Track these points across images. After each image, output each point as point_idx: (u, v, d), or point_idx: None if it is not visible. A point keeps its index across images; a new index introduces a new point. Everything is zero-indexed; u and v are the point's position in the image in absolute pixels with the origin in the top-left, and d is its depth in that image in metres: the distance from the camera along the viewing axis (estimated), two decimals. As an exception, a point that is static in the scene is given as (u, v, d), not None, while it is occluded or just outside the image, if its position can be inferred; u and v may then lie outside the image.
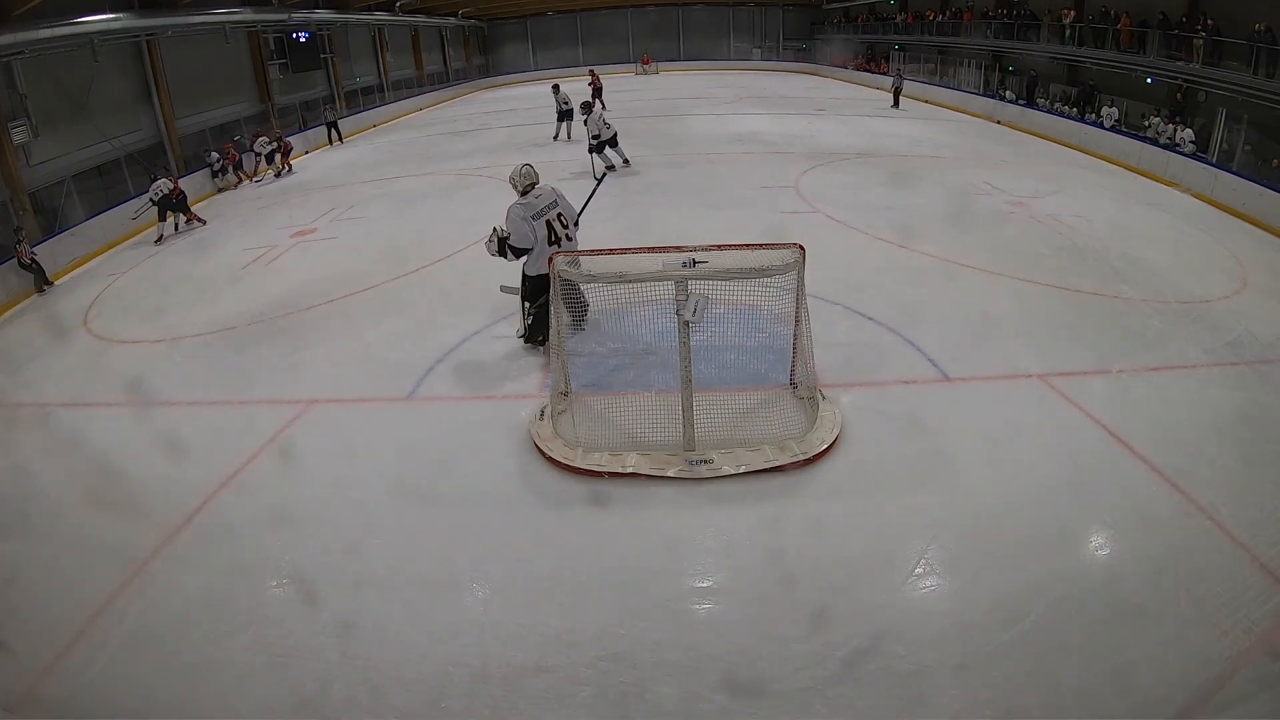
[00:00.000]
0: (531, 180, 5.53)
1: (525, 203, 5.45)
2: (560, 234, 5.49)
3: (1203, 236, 8.52)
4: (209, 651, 3.35)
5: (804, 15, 33.35)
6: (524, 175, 5.53)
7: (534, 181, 5.54)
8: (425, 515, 4.17)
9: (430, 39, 29.41)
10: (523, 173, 5.54)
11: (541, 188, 5.56)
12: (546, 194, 5.53)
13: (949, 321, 6.10)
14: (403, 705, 3.05)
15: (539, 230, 5.41)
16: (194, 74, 15.12)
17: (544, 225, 5.43)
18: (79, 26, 11.60)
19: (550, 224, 5.45)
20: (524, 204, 5.45)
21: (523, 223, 5.37)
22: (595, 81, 19.17)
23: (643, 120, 17.59)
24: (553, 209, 5.51)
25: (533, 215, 5.41)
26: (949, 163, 12.40)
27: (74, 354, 6.89)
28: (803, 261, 4.29)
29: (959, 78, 19.71)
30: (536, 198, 5.49)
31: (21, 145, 10.69)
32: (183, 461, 4.80)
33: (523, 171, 5.54)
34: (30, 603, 3.73)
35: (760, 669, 3.13)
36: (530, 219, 5.39)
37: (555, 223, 5.47)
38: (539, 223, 5.41)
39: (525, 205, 5.44)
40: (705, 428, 4.45)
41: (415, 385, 5.54)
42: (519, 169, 5.56)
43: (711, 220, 8.99)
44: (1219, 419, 4.71)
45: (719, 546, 3.87)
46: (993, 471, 4.28)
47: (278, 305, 7.34)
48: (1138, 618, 3.27)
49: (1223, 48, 12.02)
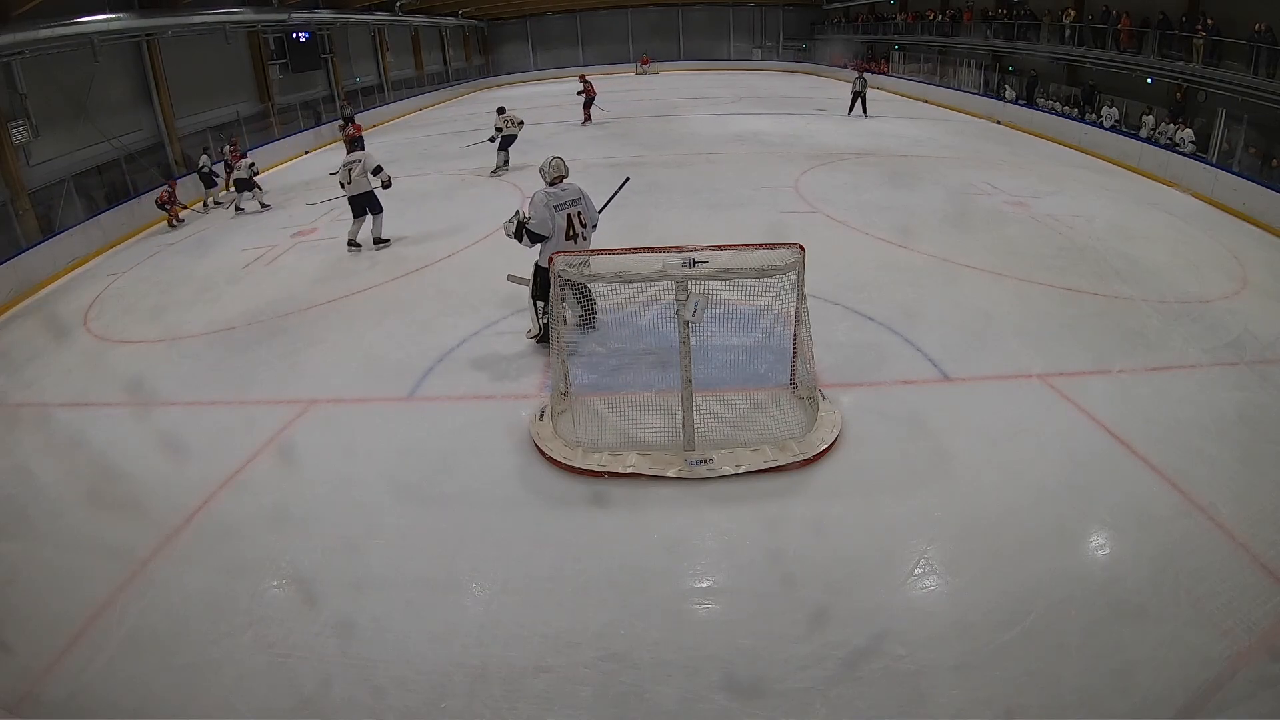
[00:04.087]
0: (560, 173, 5.58)
1: (551, 192, 5.50)
2: (578, 230, 5.53)
3: (1203, 236, 8.52)
4: (209, 651, 3.35)
5: (804, 15, 33.35)
6: (553, 167, 5.58)
7: (562, 174, 5.59)
8: (425, 515, 4.17)
9: (430, 39, 29.41)
10: (552, 164, 5.58)
11: (569, 183, 5.60)
12: (573, 190, 5.59)
13: (949, 321, 6.10)
14: (403, 705, 3.05)
15: (559, 221, 5.44)
16: (194, 74, 15.11)
17: (564, 218, 5.46)
18: (79, 26, 11.58)
19: (570, 218, 5.49)
20: (550, 193, 5.49)
21: (545, 209, 5.41)
22: (589, 90, 17.44)
23: (643, 120, 17.61)
24: (575, 205, 5.54)
25: (556, 206, 5.45)
26: (949, 163, 12.40)
27: (74, 354, 6.89)
28: (803, 261, 4.29)
29: (959, 78, 19.70)
30: (563, 190, 5.53)
31: (21, 145, 10.67)
32: (183, 461, 4.80)
33: (552, 164, 5.59)
34: (30, 603, 3.73)
35: (760, 669, 3.13)
36: (554, 208, 5.44)
37: (575, 219, 5.51)
38: (560, 214, 5.45)
39: (551, 194, 5.48)
40: (705, 428, 4.45)
41: (415, 385, 5.54)
42: (549, 160, 5.61)
43: (711, 220, 9.00)
44: (1219, 419, 4.71)
45: (719, 546, 3.87)
46: (993, 471, 4.28)
47: (278, 305, 7.34)
48: (1138, 618, 3.27)
49: (1222, 48, 12.01)
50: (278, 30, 18.09)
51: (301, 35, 18.99)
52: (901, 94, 21.77)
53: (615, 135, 15.79)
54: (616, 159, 13.01)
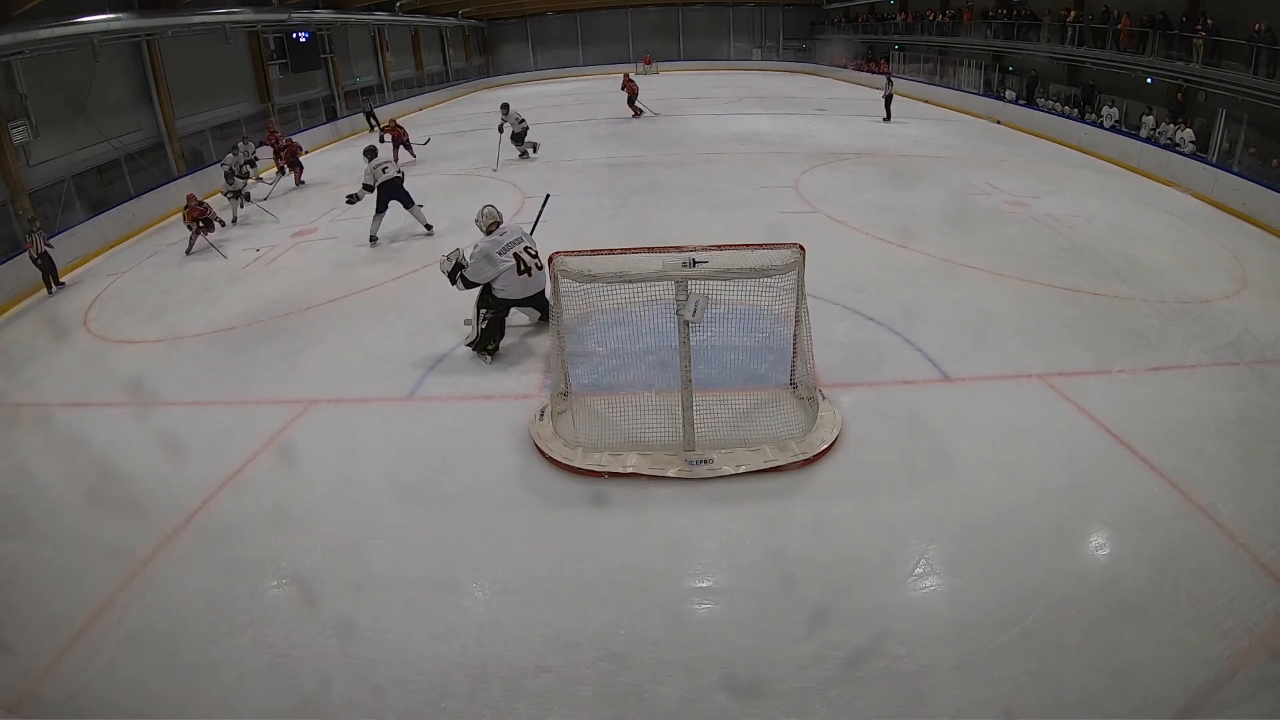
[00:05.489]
0: (494, 219, 5.97)
1: (492, 239, 5.78)
2: (530, 264, 5.76)
3: (1203, 236, 8.52)
4: (209, 651, 3.35)
5: (804, 15, 33.33)
6: (486, 215, 5.99)
7: (497, 220, 5.97)
8: (425, 515, 4.17)
9: (430, 39, 29.39)
10: (485, 213, 6.00)
11: (505, 225, 5.93)
12: (512, 229, 5.89)
13: (949, 321, 6.10)
14: (403, 705, 3.06)
15: (507, 262, 5.69)
16: (194, 74, 15.10)
17: (512, 256, 5.72)
18: (79, 26, 11.58)
19: (519, 255, 5.73)
20: (491, 240, 5.78)
21: (484, 260, 5.67)
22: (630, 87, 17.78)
23: (643, 120, 17.60)
24: (519, 243, 5.79)
25: (499, 250, 5.70)
26: (949, 163, 12.40)
27: (74, 354, 6.90)
28: (803, 261, 4.29)
29: (959, 78, 19.69)
30: (502, 234, 5.82)
31: (21, 145, 10.67)
32: (183, 461, 4.80)
33: (485, 212, 6.01)
34: (30, 603, 3.74)
35: (760, 669, 3.13)
36: (497, 254, 5.69)
37: (524, 254, 5.75)
38: (506, 255, 5.71)
39: (492, 241, 5.76)
40: (705, 428, 4.45)
41: (415, 385, 5.54)
42: (480, 210, 6.03)
43: (711, 220, 8.99)
44: (1219, 419, 4.71)
45: (719, 546, 3.87)
46: (993, 472, 4.28)
47: (278, 305, 7.34)
48: (1138, 618, 3.27)
49: (1223, 48, 12.01)
50: (278, 30, 18.09)
51: (301, 35, 18.98)
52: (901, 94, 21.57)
53: (615, 135, 15.79)
54: (616, 159, 13.02)
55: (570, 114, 18.36)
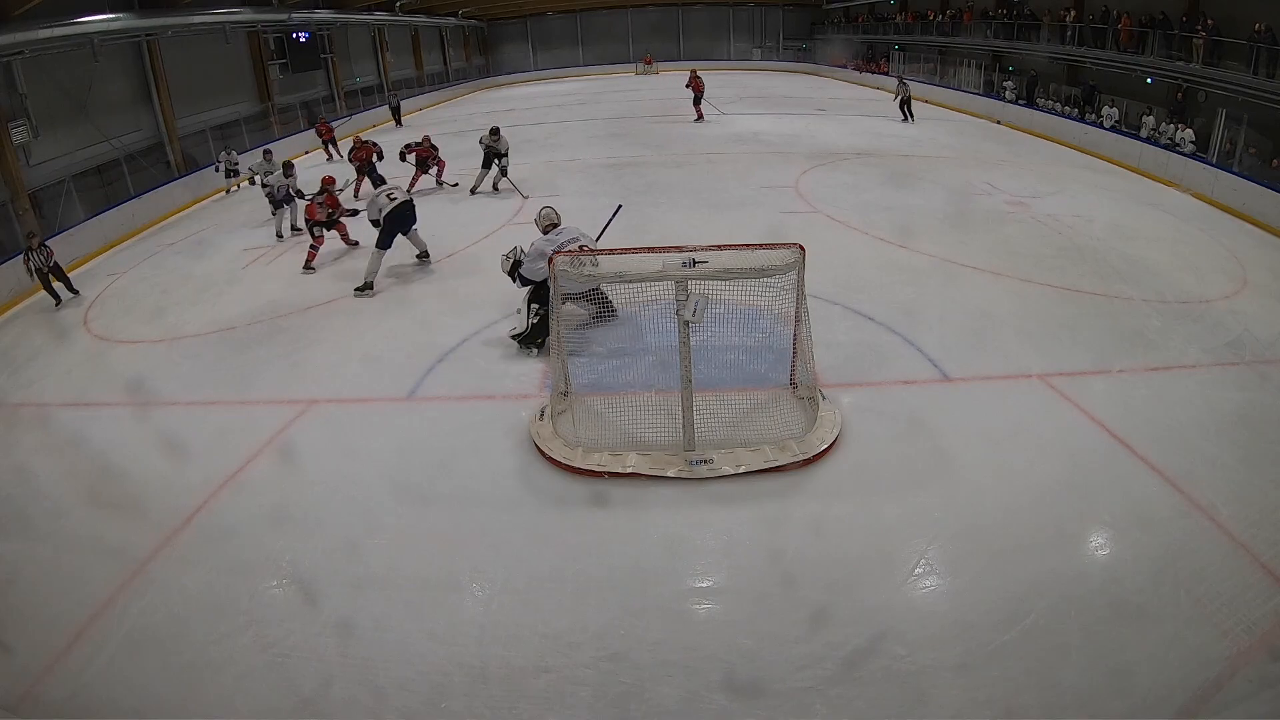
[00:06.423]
0: (551, 220, 6.08)
1: (548, 238, 5.88)
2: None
3: (1203, 236, 8.52)
4: (209, 651, 3.35)
5: (804, 15, 33.33)
6: (544, 217, 6.12)
7: (554, 222, 6.08)
8: (425, 515, 4.17)
9: (430, 39, 29.39)
10: (543, 214, 6.14)
11: (563, 227, 6.05)
12: (569, 230, 6.02)
13: (949, 321, 6.10)
14: (403, 705, 3.06)
15: None
16: (194, 74, 15.11)
17: None
18: (79, 26, 11.59)
19: None
20: (547, 239, 5.87)
21: (539, 258, 5.70)
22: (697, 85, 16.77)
23: (643, 120, 17.60)
24: (574, 243, 5.84)
25: (554, 249, 5.67)
26: (949, 163, 12.40)
27: (74, 354, 6.89)
28: (803, 261, 4.29)
29: (959, 78, 19.69)
30: (558, 234, 5.94)
31: (21, 145, 10.67)
32: (183, 461, 4.80)
33: (543, 213, 6.15)
34: (30, 603, 3.73)
35: (760, 669, 3.13)
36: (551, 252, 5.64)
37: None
38: None
39: (547, 240, 5.86)
40: (705, 428, 4.45)
41: (415, 385, 5.54)
42: (540, 211, 6.18)
43: (711, 220, 9.00)
44: (1219, 419, 4.71)
45: (719, 546, 3.87)
46: (993, 472, 4.28)
47: (278, 305, 7.34)
48: (1138, 618, 3.27)
49: (1223, 48, 12.01)
50: (278, 30, 18.10)
51: (301, 35, 18.99)
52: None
53: (615, 135, 15.78)
54: (616, 159, 13.02)
55: (570, 114, 18.35)
